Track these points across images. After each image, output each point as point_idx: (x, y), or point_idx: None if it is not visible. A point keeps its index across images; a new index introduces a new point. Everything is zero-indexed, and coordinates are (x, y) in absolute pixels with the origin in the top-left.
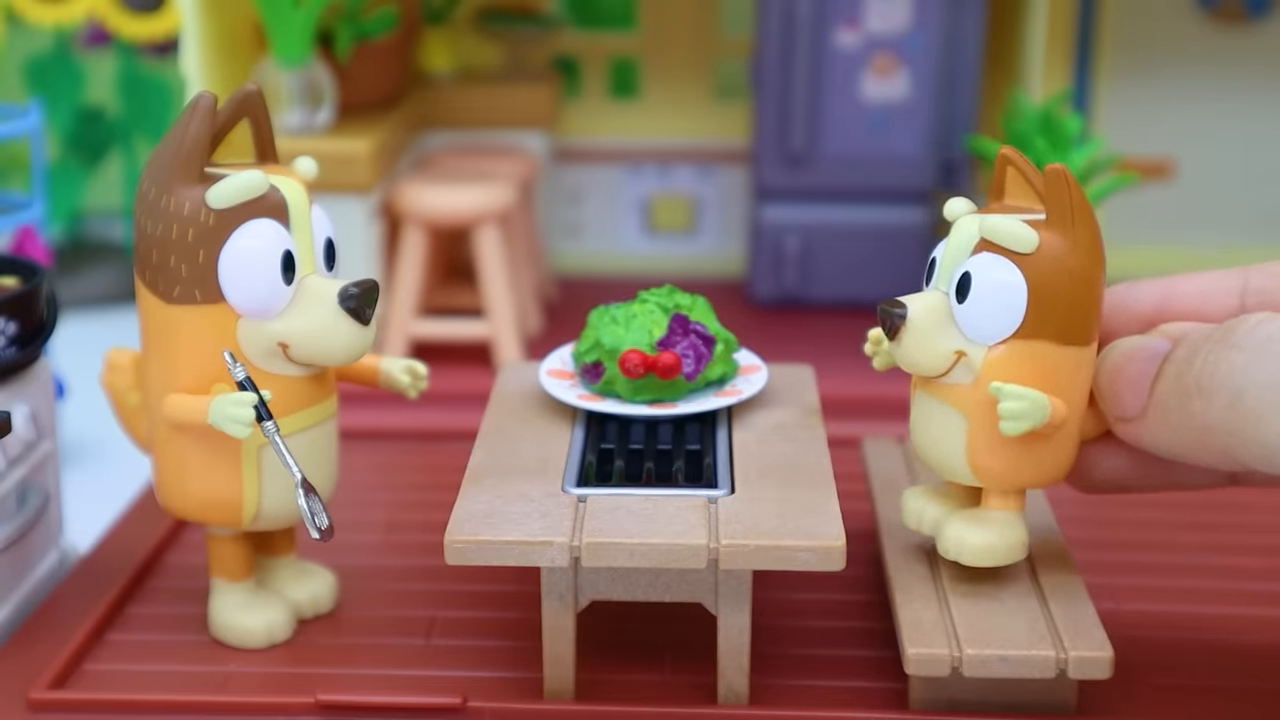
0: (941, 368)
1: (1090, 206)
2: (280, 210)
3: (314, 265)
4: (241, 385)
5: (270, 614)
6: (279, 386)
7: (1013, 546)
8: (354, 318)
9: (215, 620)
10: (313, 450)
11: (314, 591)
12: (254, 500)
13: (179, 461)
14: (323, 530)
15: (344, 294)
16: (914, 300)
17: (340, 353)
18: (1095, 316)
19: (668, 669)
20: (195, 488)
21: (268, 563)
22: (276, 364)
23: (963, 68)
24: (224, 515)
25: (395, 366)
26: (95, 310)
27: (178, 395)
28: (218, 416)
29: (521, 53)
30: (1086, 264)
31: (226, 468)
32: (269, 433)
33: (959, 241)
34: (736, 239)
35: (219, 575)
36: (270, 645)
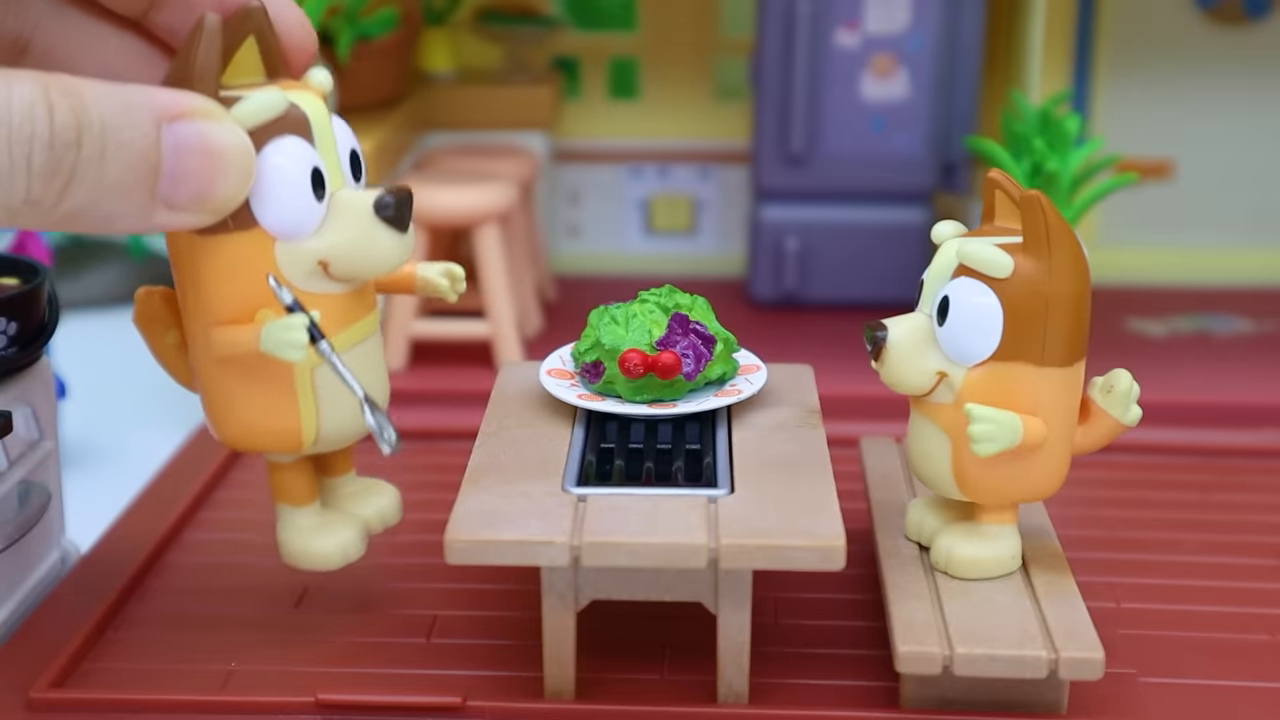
0: (924, 387)
1: (1069, 230)
2: (303, 126)
3: (342, 179)
4: (290, 308)
5: (342, 535)
6: (323, 305)
7: (1002, 559)
8: (392, 226)
9: (286, 547)
10: (364, 365)
11: (380, 507)
12: (312, 424)
13: (230, 395)
14: (392, 443)
15: (380, 203)
16: (897, 322)
17: (382, 263)
18: (1078, 338)
19: (668, 669)
20: (251, 418)
21: (329, 483)
22: (318, 283)
23: (962, 68)
24: (283, 442)
25: (432, 270)
26: (96, 310)
27: (224, 327)
28: (271, 343)
29: (521, 53)
30: (1064, 287)
31: (281, 395)
32: (325, 353)
33: (941, 265)
34: (736, 239)
35: (284, 501)
36: (345, 564)
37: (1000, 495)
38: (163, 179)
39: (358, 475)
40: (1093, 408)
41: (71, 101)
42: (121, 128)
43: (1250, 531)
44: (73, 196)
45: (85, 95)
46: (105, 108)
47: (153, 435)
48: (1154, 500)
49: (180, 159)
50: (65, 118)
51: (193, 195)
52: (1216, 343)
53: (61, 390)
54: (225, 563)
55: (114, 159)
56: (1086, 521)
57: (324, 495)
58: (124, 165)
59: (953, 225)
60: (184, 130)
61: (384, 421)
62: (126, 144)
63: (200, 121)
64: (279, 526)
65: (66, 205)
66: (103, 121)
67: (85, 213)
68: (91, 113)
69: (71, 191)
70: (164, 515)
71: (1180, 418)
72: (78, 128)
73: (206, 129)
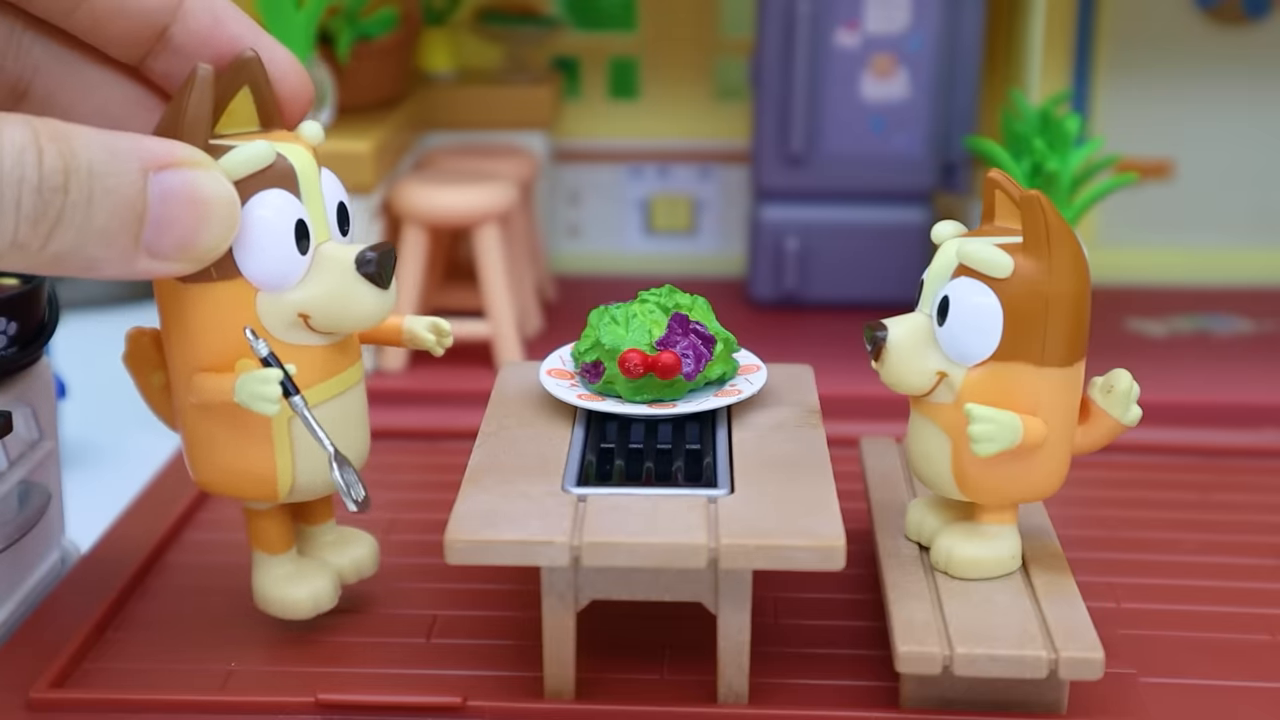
0: (924, 387)
1: (1069, 230)
2: (289, 178)
3: (328, 232)
4: (265, 361)
5: (315, 584)
6: (303, 358)
7: (1002, 560)
8: (373, 282)
9: (260, 594)
10: (343, 418)
11: (356, 557)
12: (288, 473)
13: (209, 439)
14: (359, 501)
15: (362, 259)
16: (897, 322)
17: (362, 318)
18: (1078, 338)
19: (668, 669)
20: (227, 464)
21: (307, 531)
22: (299, 335)
23: (962, 68)
24: (259, 490)
25: (419, 325)
26: (96, 310)
27: (203, 375)
28: (244, 396)
29: (521, 53)
30: (1064, 287)
31: (258, 443)
32: (297, 407)
33: (941, 265)
34: (736, 239)
35: (260, 549)
36: (317, 613)
37: (1000, 495)
38: (147, 226)
39: (337, 524)
40: (1093, 408)
41: (60, 146)
42: (108, 174)
43: (1250, 531)
44: (58, 240)
45: (74, 140)
46: (93, 153)
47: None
48: (1154, 500)
49: (166, 207)
50: (54, 162)
51: (176, 244)
52: (1216, 343)
53: (61, 390)
54: (225, 563)
55: (100, 205)
56: (1086, 521)
57: (301, 542)
58: (110, 211)
59: (953, 225)
60: (170, 179)
61: (353, 479)
62: (113, 190)
63: (187, 171)
64: (254, 573)
65: (51, 249)
66: (90, 167)
67: (69, 257)
68: (80, 158)
69: (57, 236)
70: (164, 515)
71: (1180, 418)
72: (65, 172)
73: (193, 178)
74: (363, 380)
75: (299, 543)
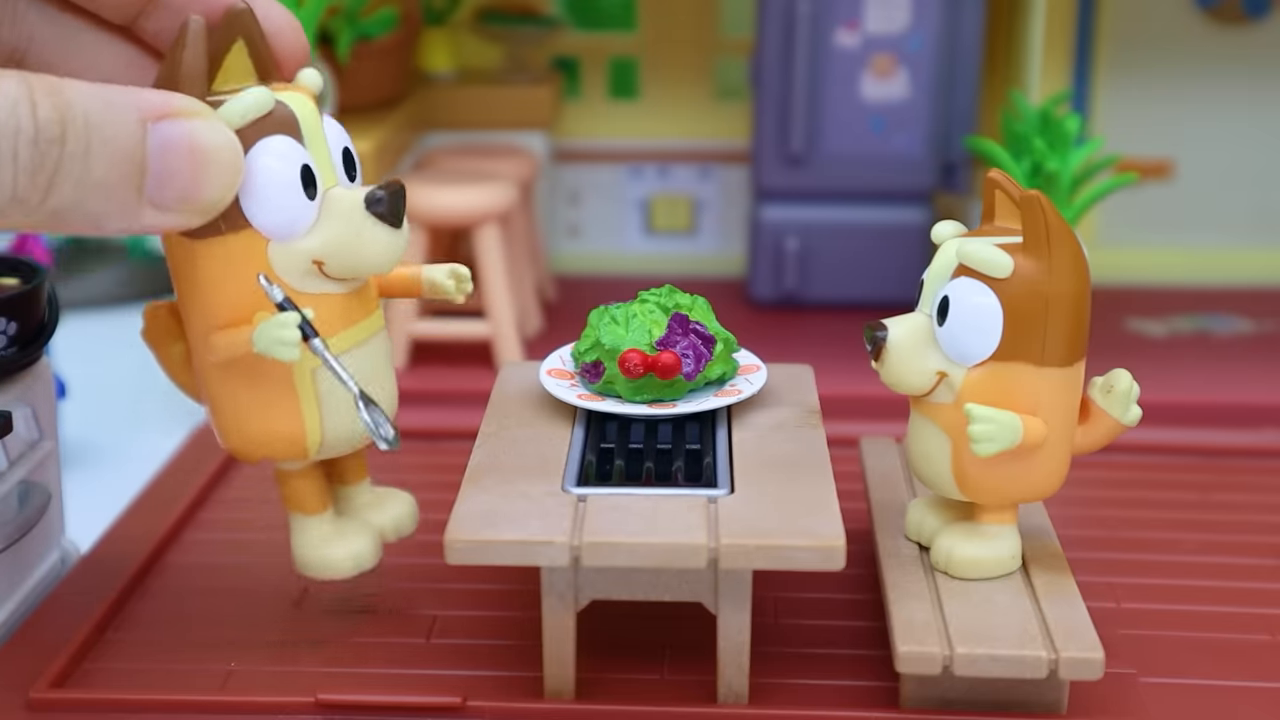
0: (924, 387)
1: (1069, 230)
2: (291, 125)
3: (334, 177)
4: (281, 306)
5: (355, 544)
6: (321, 305)
7: (1002, 560)
8: (384, 221)
9: (299, 556)
10: (367, 365)
11: (396, 515)
12: (316, 428)
13: (234, 402)
14: (389, 439)
15: (371, 198)
16: (897, 322)
17: (376, 260)
18: (1078, 338)
19: (668, 669)
20: (255, 426)
21: (344, 491)
22: (314, 283)
23: (962, 68)
24: (289, 448)
25: (438, 272)
26: (96, 310)
27: (222, 331)
28: (264, 342)
29: (521, 53)
30: (1064, 287)
31: (283, 400)
32: (317, 349)
33: (941, 265)
34: (736, 239)
35: (296, 510)
36: (358, 573)
37: (1000, 495)
38: (149, 178)
39: (374, 484)
40: (1093, 408)
41: (55, 99)
42: (105, 124)
43: (1250, 531)
44: (57, 194)
45: (69, 92)
46: (89, 105)
47: (153, 435)
48: (1154, 500)
49: (166, 158)
50: (49, 113)
51: (179, 195)
52: (1216, 343)
53: (61, 390)
54: (225, 563)
55: (98, 156)
56: (1086, 521)
57: (339, 504)
58: (109, 163)
59: (953, 225)
60: (169, 129)
61: (380, 419)
62: (110, 140)
63: (186, 120)
64: (292, 535)
65: (51, 203)
66: (87, 118)
67: (71, 211)
68: (75, 109)
69: (56, 188)
70: (164, 515)
71: (1180, 418)
72: (61, 123)
73: (192, 128)
74: (384, 328)
75: (336, 504)
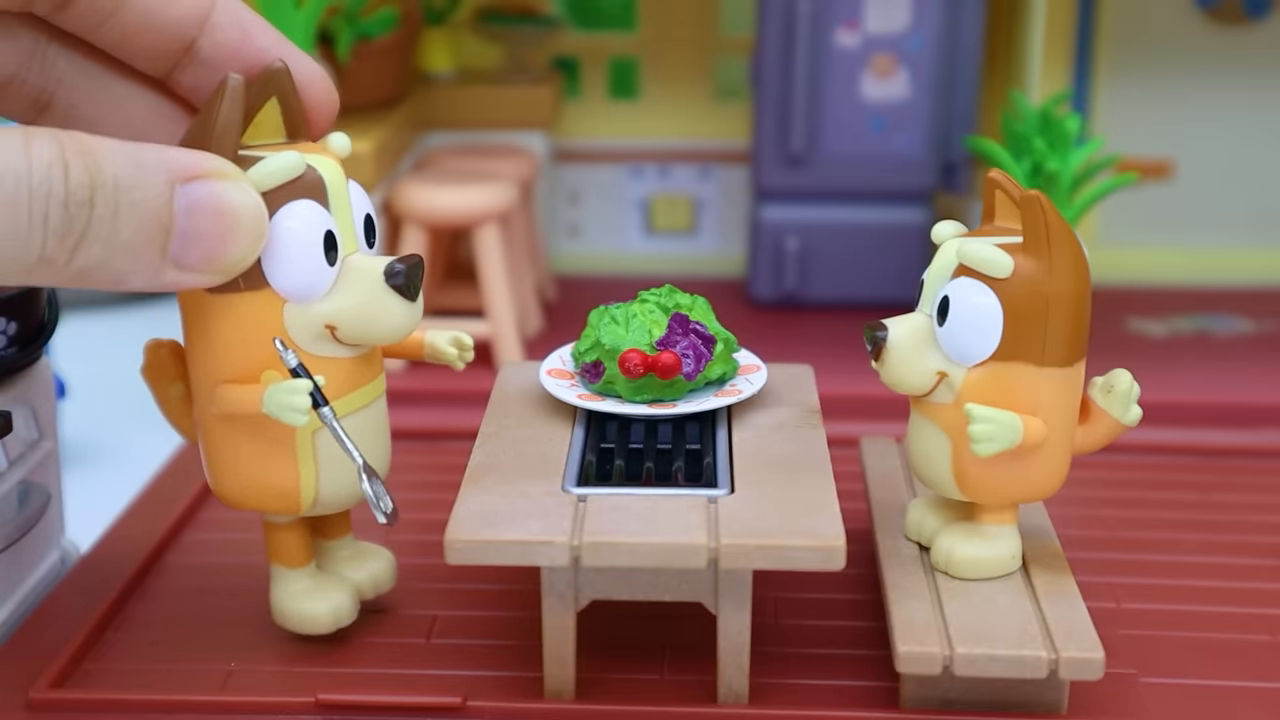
0: (925, 387)
1: (1070, 230)
2: (319, 190)
3: (355, 243)
4: (294, 372)
5: (335, 598)
6: (329, 369)
7: (1002, 560)
8: (401, 294)
9: (279, 609)
10: (367, 431)
11: (374, 572)
12: (311, 486)
13: (231, 452)
14: (388, 514)
15: (390, 271)
16: (897, 322)
17: (389, 331)
18: (1078, 338)
19: (668, 669)
20: (250, 477)
21: (325, 545)
22: (325, 347)
23: (962, 68)
24: (281, 503)
25: (440, 339)
26: (96, 310)
27: (228, 386)
28: (273, 406)
29: (521, 53)
30: (1064, 288)
31: (282, 455)
32: (326, 419)
33: (941, 265)
34: (736, 239)
35: (279, 563)
36: (337, 628)
37: (1000, 495)
38: (174, 239)
39: (354, 539)
40: (1093, 408)
41: (86, 160)
42: (134, 186)
43: (1250, 531)
44: (84, 255)
45: (100, 153)
46: (119, 166)
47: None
48: (1154, 500)
49: (192, 219)
50: (80, 177)
51: (203, 256)
52: (1216, 343)
53: (61, 390)
54: (225, 563)
55: (126, 218)
56: (1086, 521)
57: (319, 557)
58: (136, 224)
59: (953, 225)
60: (197, 190)
61: (380, 491)
62: (139, 203)
63: (214, 182)
64: (273, 587)
65: (78, 263)
66: (116, 181)
67: (96, 270)
68: (106, 172)
69: (83, 250)
70: (164, 515)
71: (1180, 418)
72: (91, 186)
73: (220, 190)
74: (384, 394)
75: (317, 558)
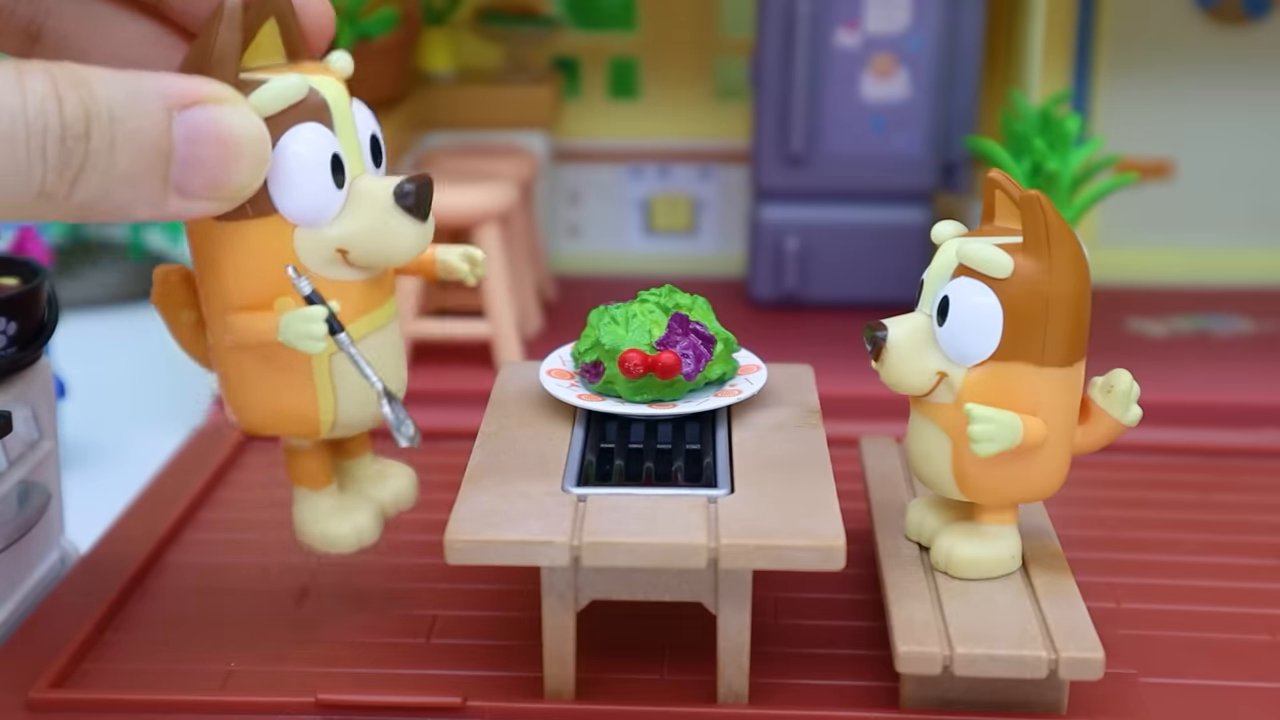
0: (924, 387)
1: (1069, 230)
2: (323, 112)
3: (362, 165)
4: (309, 299)
5: (358, 518)
6: (341, 293)
7: (1002, 560)
8: (411, 214)
9: (303, 529)
10: (383, 353)
11: (396, 489)
12: (330, 409)
13: (248, 379)
14: (410, 437)
15: (400, 191)
16: (897, 322)
17: (401, 251)
18: (1078, 338)
19: (668, 669)
20: (268, 403)
21: (346, 465)
22: (336, 270)
23: (962, 68)
24: (301, 427)
25: (452, 254)
26: (96, 310)
27: (242, 315)
28: (290, 335)
29: (521, 53)
30: (1064, 287)
31: (299, 381)
32: (343, 345)
33: (941, 265)
34: (736, 239)
35: (301, 484)
36: (360, 547)
37: (1000, 495)
38: (175, 166)
39: (375, 457)
40: (1093, 407)
41: (80, 92)
42: (130, 115)
43: (1250, 531)
44: (84, 188)
45: (94, 85)
46: (114, 97)
47: (153, 435)
48: (1154, 500)
49: (192, 146)
50: (74, 109)
51: (206, 183)
52: (1216, 343)
53: (61, 390)
54: (225, 563)
55: (123, 148)
56: (1086, 521)
57: (341, 477)
58: (134, 154)
59: (953, 225)
60: (196, 117)
61: (402, 414)
62: (135, 132)
63: (213, 107)
64: (295, 509)
65: (78, 196)
66: (111, 111)
67: (97, 202)
68: (100, 103)
69: (82, 182)
70: (164, 515)
71: (1180, 418)
72: (86, 119)
73: (219, 115)
74: (397, 315)
75: (338, 477)
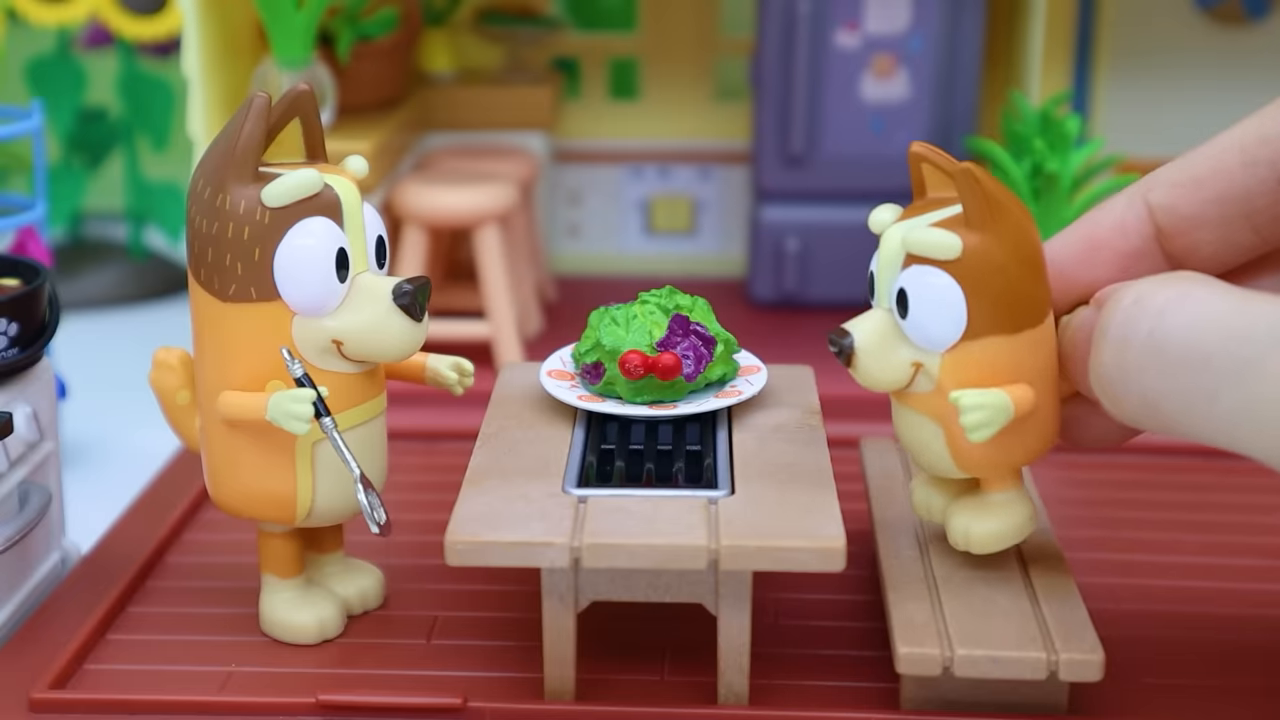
0: (902, 381)
1: (1006, 190)
2: (334, 208)
3: (366, 262)
4: (299, 382)
5: (321, 610)
6: (333, 383)
7: (1020, 526)
8: (407, 314)
9: (267, 617)
10: (366, 446)
11: (363, 587)
12: (307, 496)
13: (232, 459)
14: (382, 525)
15: (398, 291)
16: (859, 324)
17: (394, 349)
18: (1042, 294)
19: (668, 669)
20: (249, 484)
21: (316, 559)
22: (330, 361)
23: (962, 68)
24: (277, 512)
25: (442, 364)
26: (96, 311)
27: (233, 392)
28: (276, 413)
29: (521, 53)
30: (1017, 251)
31: (281, 464)
32: (327, 429)
33: (888, 255)
34: (736, 239)
35: (270, 572)
36: (321, 641)
37: (1002, 465)
38: None
39: (345, 556)
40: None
41: None
42: None
43: (1250, 532)
44: None
45: None
46: None
47: (153, 435)
48: (1154, 500)
49: None
50: None
51: None
52: None
53: (62, 390)
54: (225, 563)
55: None
56: (1086, 521)
57: (309, 570)
58: None
59: (890, 210)
60: None
61: (376, 503)
62: None
63: None
64: (262, 595)
65: None
66: None
67: None
68: None
69: None
70: (164, 515)
71: None
72: None
73: None
74: (384, 412)
75: (307, 571)
